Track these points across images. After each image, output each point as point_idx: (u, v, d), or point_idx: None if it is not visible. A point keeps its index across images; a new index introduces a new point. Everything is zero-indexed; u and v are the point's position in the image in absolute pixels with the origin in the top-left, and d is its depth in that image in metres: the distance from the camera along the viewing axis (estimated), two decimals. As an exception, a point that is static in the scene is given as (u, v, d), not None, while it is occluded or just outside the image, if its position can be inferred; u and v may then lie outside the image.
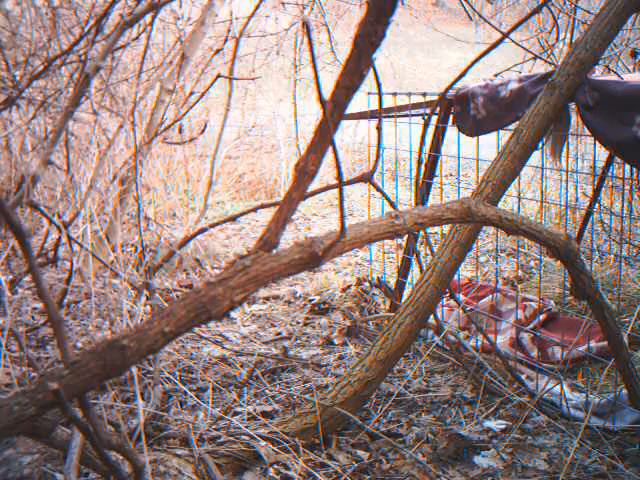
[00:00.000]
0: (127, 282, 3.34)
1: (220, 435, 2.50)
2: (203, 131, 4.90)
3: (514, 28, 2.99)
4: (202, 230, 3.61)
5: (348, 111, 1.31)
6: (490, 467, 2.48)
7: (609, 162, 3.97)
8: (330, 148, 1.32)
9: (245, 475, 2.36)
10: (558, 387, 2.83)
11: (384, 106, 1.86)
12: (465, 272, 4.69)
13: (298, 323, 4.07)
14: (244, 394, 3.06)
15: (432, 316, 2.95)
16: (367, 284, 4.11)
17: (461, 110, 3.37)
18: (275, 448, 2.42)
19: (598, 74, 3.01)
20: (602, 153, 4.07)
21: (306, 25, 1.17)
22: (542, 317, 3.62)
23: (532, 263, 4.94)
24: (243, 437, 2.46)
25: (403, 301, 2.83)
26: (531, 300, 3.77)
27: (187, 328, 1.36)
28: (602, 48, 2.66)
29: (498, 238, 4.28)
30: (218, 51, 4.54)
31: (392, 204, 2.71)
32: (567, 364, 3.17)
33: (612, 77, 2.76)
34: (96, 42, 2.74)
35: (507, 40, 2.99)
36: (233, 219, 3.32)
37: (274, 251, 1.44)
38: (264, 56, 6.84)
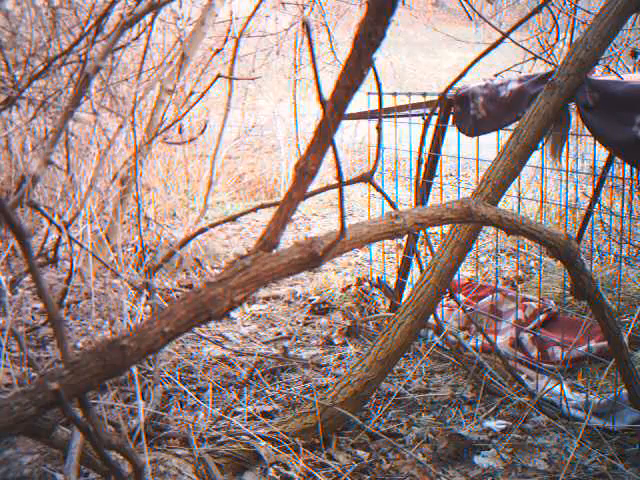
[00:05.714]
0: (127, 282, 3.34)
1: (220, 435, 2.50)
2: (203, 131, 4.90)
3: (514, 28, 2.99)
4: (202, 230, 3.61)
5: (348, 111, 1.31)
6: (490, 467, 2.48)
7: (609, 162, 3.97)
8: (330, 148, 1.32)
9: (245, 475, 2.36)
10: (558, 387, 2.83)
11: (384, 106, 1.86)
12: (465, 272, 4.69)
13: (298, 323, 4.06)
14: (244, 394, 3.06)
15: (432, 316, 2.95)
16: (367, 284, 4.11)
17: (461, 110, 3.37)
18: (275, 448, 2.42)
19: (598, 74, 3.01)
20: (602, 153, 4.07)
21: (306, 25, 1.17)
22: (542, 317, 3.62)
23: (532, 263, 4.94)
24: (243, 437, 2.46)
25: (403, 301, 2.83)
26: (531, 300, 3.77)
27: (187, 328, 1.36)
28: (602, 48, 2.66)
29: (498, 238, 4.28)
30: (218, 51, 4.54)
31: (392, 204, 2.71)
32: (567, 364, 3.17)
33: (612, 77, 2.76)
34: (96, 42, 2.74)
35: (507, 40, 2.99)
36: (233, 219, 3.32)
37: (274, 251, 1.44)
38: (264, 56, 6.84)
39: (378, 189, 2.50)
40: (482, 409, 2.89)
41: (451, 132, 3.58)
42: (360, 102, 2.24)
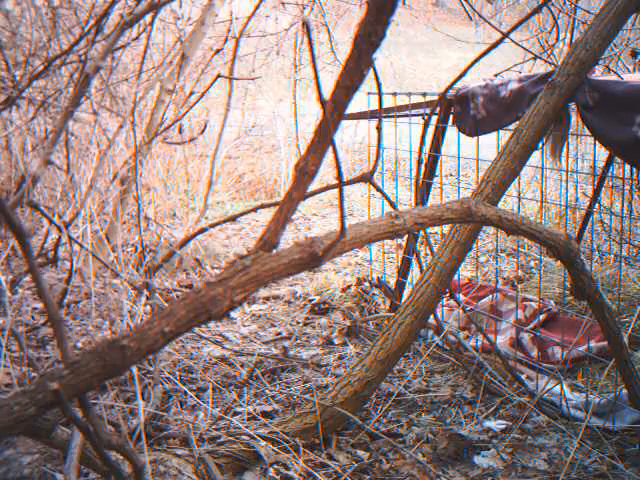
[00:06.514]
0: (127, 282, 3.34)
1: (220, 435, 2.50)
2: (203, 131, 4.90)
3: (514, 28, 2.99)
4: (202, 230, 3.61)
5: (348, 111, 1.31)
6: (490, 467, 2.48)
7: (609, 162, 3.97)
8: (330, 148, 1.32)
9: (245, 475, 2.36)
10: (558, 387, 2.83)
11: (384, 106, 1.86)
12: (465, 272, 4.69)
13: (298, 323, 4.06)
14: (244, 394, 3.06)
15: (432, 316, 2.95)
16: (367, 284, 4.11)
17: (461, 110, 3.37)
18: (275, 448, 2.42)
19: (598, 74, 3.01)
20: (602, 153, 4.07)
21: (306, 25, 1.17)
22: (542, 317, 3.62)
23: (532, 263, 4.94)
24: (243, 437, 2.46)
25: (403, 301, 2.83)
26: (531, 300, 3.77)
27: (187, 328, 1.36)
28: (602, 48, 2.66)
29: (498, 238, 4.28)
30: (218, 51, 4.54)
31: (392, 204, 2.71)
32: (567, 364, 3.17)
33: (612, 77, 2.76)
34: (96, 42, 2.74)
35: (507, 40, 2.99)
36: (233, 219, 3.33)
37: (274, 251, 1.44)
38: (264, 56, 6.84)
39: (378, 189, 2.50)
40: (482, 409, 2.89)
41: (451, 132, 3.58)
42: (360, 102, 2.24)
